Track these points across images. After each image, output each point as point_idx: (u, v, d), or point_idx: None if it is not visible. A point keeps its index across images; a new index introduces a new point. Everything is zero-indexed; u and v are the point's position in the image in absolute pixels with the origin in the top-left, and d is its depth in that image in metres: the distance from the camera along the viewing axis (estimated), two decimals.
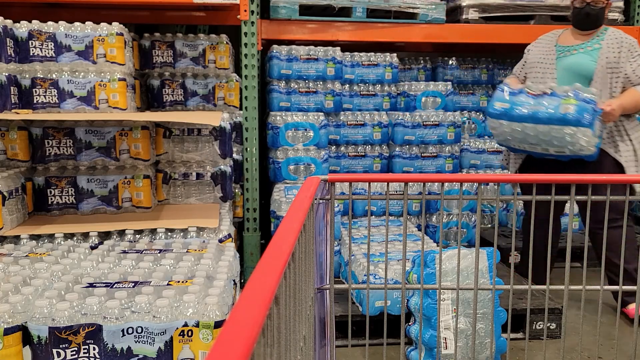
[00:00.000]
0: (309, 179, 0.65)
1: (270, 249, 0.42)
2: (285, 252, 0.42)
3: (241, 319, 0.30)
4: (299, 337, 0.52)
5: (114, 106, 1.77)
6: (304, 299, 0.56)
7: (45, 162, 1.72)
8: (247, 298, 0.33)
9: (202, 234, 1.57)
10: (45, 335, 0.98)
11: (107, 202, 1.73)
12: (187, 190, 1.90)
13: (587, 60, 1.98)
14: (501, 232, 2.85)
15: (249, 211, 2.40)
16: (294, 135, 2.50)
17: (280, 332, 0.42)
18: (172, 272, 1.20)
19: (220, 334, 0.28)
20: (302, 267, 0.54)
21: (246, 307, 0.32)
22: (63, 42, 1.75)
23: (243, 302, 0.32)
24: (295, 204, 0.55)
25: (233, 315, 0.30)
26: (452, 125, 2.69)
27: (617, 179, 0.76)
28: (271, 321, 0.37)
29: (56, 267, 1.21)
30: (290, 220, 0.50)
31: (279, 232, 0.46)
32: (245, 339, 0.28)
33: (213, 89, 2.24)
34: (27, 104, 1.73)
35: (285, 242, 0.44)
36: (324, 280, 0.73)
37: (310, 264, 0.62)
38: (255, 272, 0.38)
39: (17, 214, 1.58)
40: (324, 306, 0.73)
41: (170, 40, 2.22)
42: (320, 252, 0.70)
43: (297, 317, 0.51)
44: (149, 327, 1.00)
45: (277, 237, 0.45)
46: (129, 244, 1.45)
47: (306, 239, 0.57)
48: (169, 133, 1.89)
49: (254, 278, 0.36)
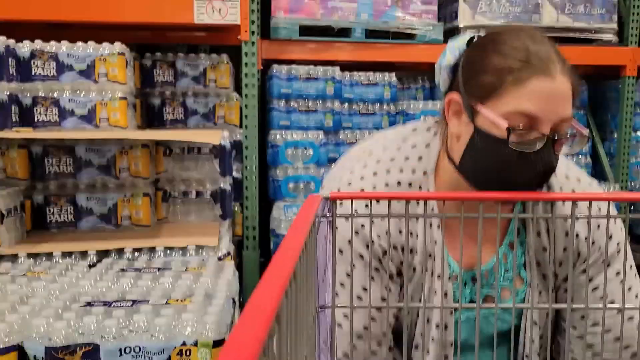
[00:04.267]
0: (311, 197, 0.65)
1: (272, 268, 0.41)
2: (287, 270, 0.42)
3: (242, 339, 0.30)
4: (300, 357, 0.51)
5: (115, 125, 1.78)
6: (306, 318, 0.56)
7: (44, 180, 1.72)
8: (248, 317, 0.32)
9: (202, 252, 1.57)
10: (41, 355, 0.96)
11: (106, 221, 1.72)
12: (186, 208, 1.90)
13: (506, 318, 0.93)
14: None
15: (249, 229, 2.39)
16: (293, 153, 2.50)
17: (282, 351, 0.41)
18: (171, 290, 1.19)
19: (221, 353, 0.28)
20: (304, 286, 0.54)
21: (247, 326, 0.31)
22: (65, 61, 1.76)
23: (244, 321, 0.32)
24: (296, 222, 0.54)
25: (234, 335, 0.30)
26: None
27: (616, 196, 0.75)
28: (272, 341, 0.36)
29: (53, 286, 1.20)
30: (291, 238, 0.49)
31: (280, 250, 0.45)
32: (247, 359, 0.27)
33: (213, 107, 2.26)
34: (27, 122, 1.74)
35: (287, 261, 0.43)
36: (326, 299, 0.72)
37: (311, 283, 0.61)
38: (257, 290, 0.37)
39: (15, 232, 1.57)
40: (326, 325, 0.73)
41: (171, 60, 2.24)
42: (322, 270, 0.69)
43: (299, 336, 0.50)
44: (147, 346, 0.99)
45: (279, 256, 0.44)
46: (128, 262, 1.44)
47: (308, 258, 0.57)
48: (169, 151, 1.89)
49: (255, 297, 0.36)
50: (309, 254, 0.56)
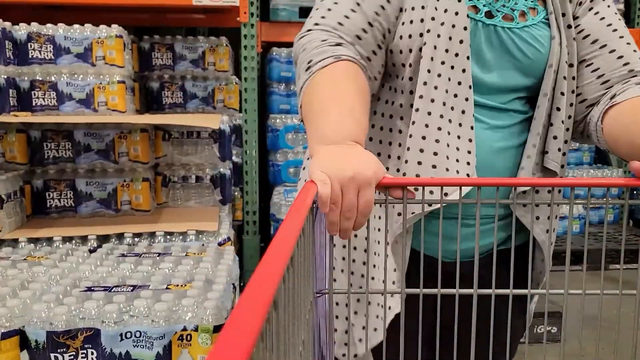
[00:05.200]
0: (308, 182, 0.64)
1: (269, 253, 0.41)
2: (284, 256, 0.41)
3: (240, 324, 0.29)
4: (298, 342, 0.51)
5: (113, 109, 1.77)
6: (303, 303, 0.56)
7: (44, 165, 1.71)
8: (245, 302, 0.32)
9: (201, 237, 1.57)
10: (43, 339, 0.97)
11: (106, 205, 1.72)
12: (186, 193, 1.90)
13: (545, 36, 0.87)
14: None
15: (249, 214, 2.39)
16: (294, 137, 2.49)
17: (280, 336, 0.41)
18: (171, 275, 1.19)
19: (219, 339, 0.28)
20: (301, 271, 0.54)
21: (245, 311, 0.31)
22: (62, 44, 1.74)
23: (241, 307, 0.32)
24: (294, 207, 0.54)
25: (231, 320, 0.30)
26: None
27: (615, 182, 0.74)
28: (270, 326, 0.36)
29: (54, 271, 1.20)
30: (289, 223, 0.49)
31: (277, 235, 0.45)
32: (244, 344, 0.27)
33: (212, 91, 2.24)
34: (25, 106, 1.73)
35: (284, 246, 0.43)
36: (323, 285, 0.72)
37: (309, 268, 0.61)
38: (254, 276, 0.37)
39: (15, 217, 1.57)
40: (324, 310, 0.73)
41: (169, 43, 2.21)
42: (319, 255, 0.69)
43: (297, 321, 0.50)
44: (147, 331, 0.99)
45: (276, 241, 0.44)
46: (128, 247, 1.44)
47: (305, 243, 0.57)
48: (168, 136, 1.88)
49: (253, 282, 0.36)
50: (306, 239, 0.56)
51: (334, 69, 0.77)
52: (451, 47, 0.82)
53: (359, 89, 0.77)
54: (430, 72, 0.82)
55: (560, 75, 0.86)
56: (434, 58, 0.82)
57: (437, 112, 0.82)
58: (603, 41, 0.89)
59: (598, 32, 0.89)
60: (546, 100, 0.86)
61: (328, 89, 0.76)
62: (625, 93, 0.84)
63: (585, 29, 0.89)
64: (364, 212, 0.65)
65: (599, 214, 3.25)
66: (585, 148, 3.37)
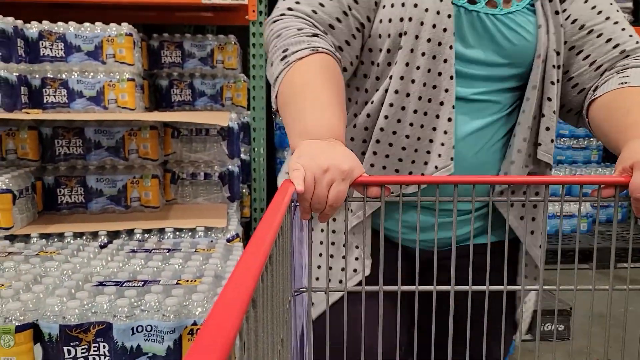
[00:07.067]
0: (286, 181, 0.64)
1: (247, 252, 0.41)
2: (263, 254, 0.42)
3: (218, 322, 0.29)
4: (276, 340, 0.52)
5: (123, 106, 1.78)
6: (282, 301, 0.56)
7: (55, 161, 1.73)
8: (224, 301, 0.33)
9: (210, 234, 1.58)
10: (56, 333, 0.99)
11: (116, 202, 1.74)
12: (195, 190, 1.91)
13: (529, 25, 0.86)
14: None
15: (257, 211, 2.40)
16: None
17: (258, 335, 0.41)
18: (181, 271, 1.21)
19: (197, 337, 0.28)
20: (280, 270, 0.54)
21: (223, 310, 0.31)
22: (73, 42, 1.76)
23: (220, 305, 0.32)
24: (272, 206, 0.54)
25: (210, 319, 0.30)
26: None
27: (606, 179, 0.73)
28: (249, 324, 0.37)
29: (66, 266, 1.22)
30: (266, 222, 0.49)
31: (255, 234, 0.45)
32: (222, 342, 0.27)
33: (221, 89, 2.25)
34: (37, 103, 1.75)
35: (263, 245, 0.43)
36: (302, 283, 0.72)
37: (287, 267, 0.62)
38: (232, 275, 0.37)
39: (27, 213, 1.59)
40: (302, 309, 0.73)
41: (178, 41, 2.23)
42: (298, 254, 0.70)
43: (275, 320, 0.51)
44: (158, 325, 1.01)
45: (254, 240, 0.44)
46: (138, 243, 1.45)
47: (283, 242, 0.57)
48: (177, 133, 1.89)
49: (231, 281, 0.36)
50: (284, 238, 0.57)
51: (311, 61, 0.75)
52: (434, 36, 0.80)
53: (337, 83, 0.77)
54: (409, 66, 0.80)
55: (549, 64, 0.84)
56: (414, 50, 0.80)
57: (411, 107, 0.82)
58: (590, 26, 0.86)
59: (585, 17, 0.87)
60: (535, 92, 0.85)
61: (307, 82, 0.75)
62: (604, 86, 0.84)
63: (571, 14, 0.87)
64: (332, 204, 0.65)
65: (607, 213, 3.24)
66: (593, 146, 3.35)
